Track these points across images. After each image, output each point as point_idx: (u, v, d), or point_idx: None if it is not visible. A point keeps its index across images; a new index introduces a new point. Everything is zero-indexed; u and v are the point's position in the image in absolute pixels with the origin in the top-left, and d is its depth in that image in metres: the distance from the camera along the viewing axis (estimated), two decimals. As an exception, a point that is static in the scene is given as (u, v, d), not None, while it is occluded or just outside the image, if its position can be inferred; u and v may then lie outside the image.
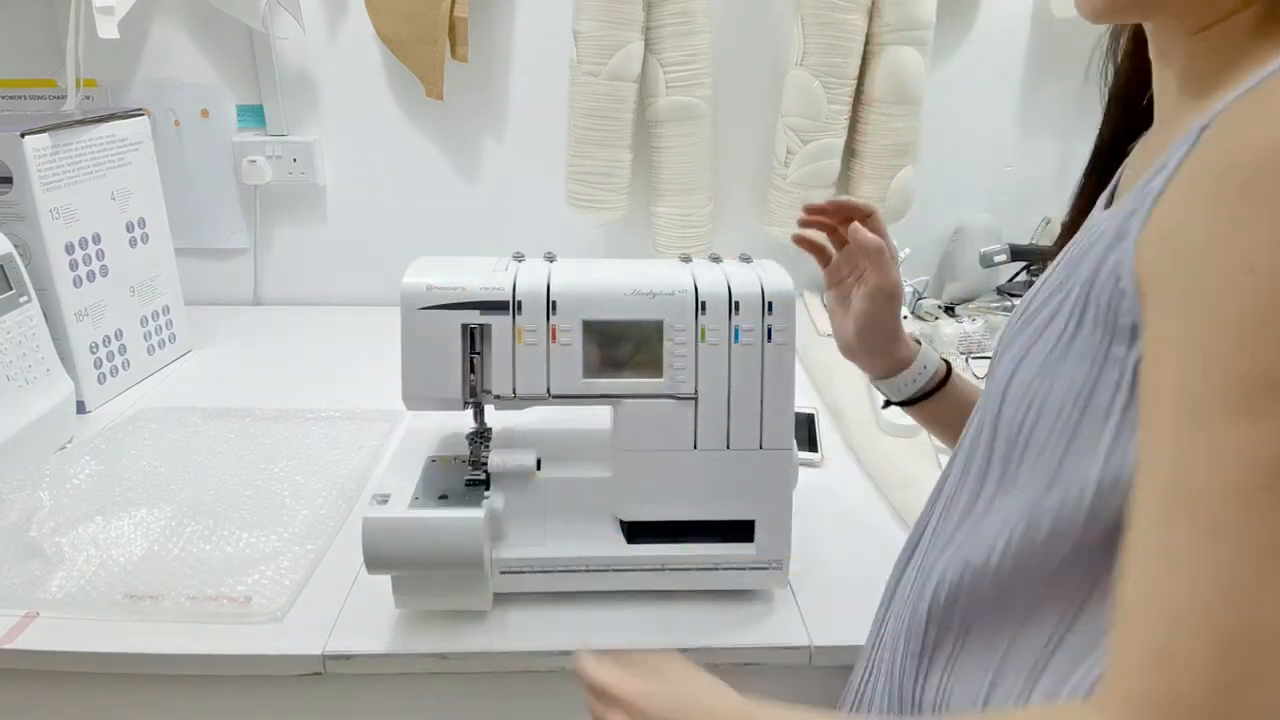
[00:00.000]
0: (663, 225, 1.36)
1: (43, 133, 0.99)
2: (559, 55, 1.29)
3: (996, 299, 1.39)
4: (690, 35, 1.24)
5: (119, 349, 1.13)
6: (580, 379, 0.72)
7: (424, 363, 0.71)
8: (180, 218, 1.31)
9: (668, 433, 0.72)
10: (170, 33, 1.31)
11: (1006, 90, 1.41)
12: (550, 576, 0.74)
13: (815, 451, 1.01)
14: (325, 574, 0.79)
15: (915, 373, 0.73)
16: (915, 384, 0.73)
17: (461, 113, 1.36)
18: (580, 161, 1.29)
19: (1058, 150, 1.46)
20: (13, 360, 0.94)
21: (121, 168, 1.11)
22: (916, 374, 0.73)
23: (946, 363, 0.75)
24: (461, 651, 0.72)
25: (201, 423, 1.04)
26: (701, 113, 1.29)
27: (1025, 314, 0.51)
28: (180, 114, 1.34)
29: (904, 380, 0.73)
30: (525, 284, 0.71)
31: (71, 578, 0.76)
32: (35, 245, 1.00)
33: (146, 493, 0.88)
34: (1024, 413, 0.47)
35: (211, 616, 0.73)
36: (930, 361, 0.73)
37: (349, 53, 1.33)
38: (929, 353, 0.74)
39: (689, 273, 0.73)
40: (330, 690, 0.74)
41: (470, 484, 0.73)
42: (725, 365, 0.72)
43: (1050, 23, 1.36)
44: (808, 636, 0.74)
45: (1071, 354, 0.44)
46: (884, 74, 1.27)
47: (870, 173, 1.35)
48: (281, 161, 1.36)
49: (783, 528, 0.74)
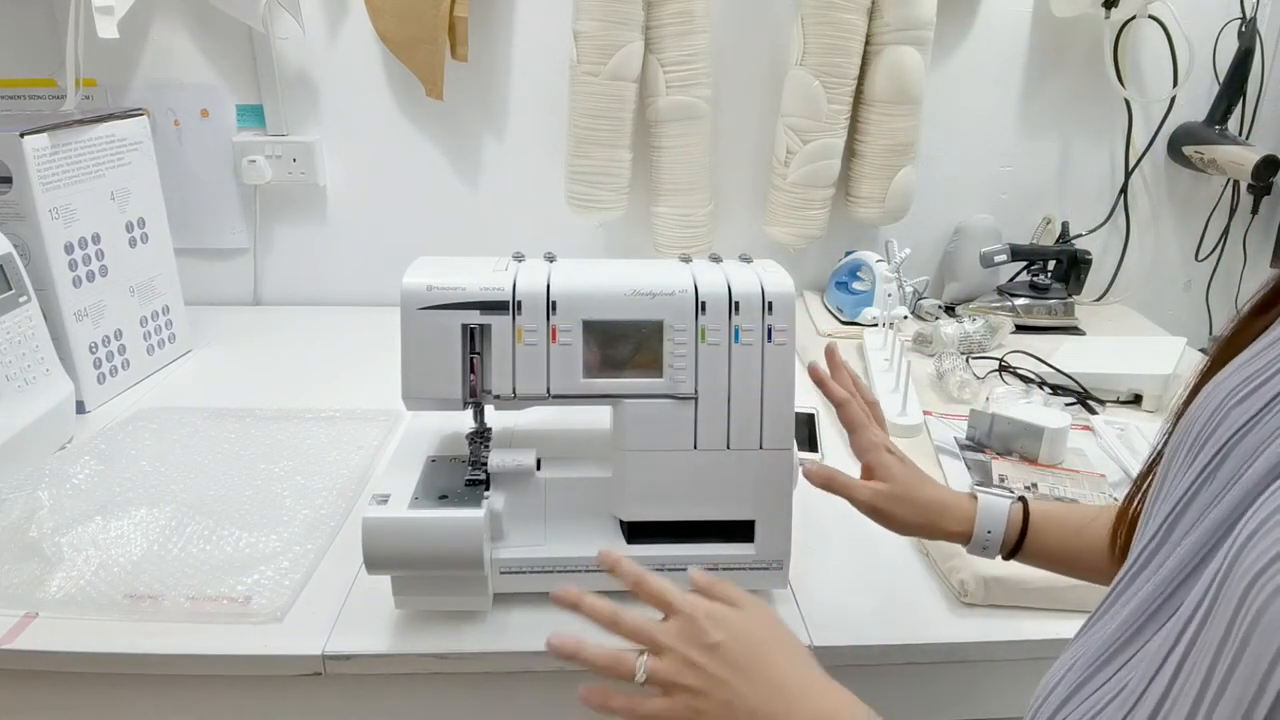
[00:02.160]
0: (663, 225, 1.36)
1: (42, 132, 0.99)
2: (559, 55, 1.29)
3: (996, 299, 1.39)
4: (690, 35, 1.24)
5: (119, 349, 1.13)
6: (580, 379, 0.71)
7: (424, 363, 0.71)
8: (180, 218, 1.31)
9: (668, 433, 0.72)
10: (170, 33, 1.30)
11: (1006, 90, 1.41)
12: (550, 576, 0.74)
13: (815, 451, 1.01)
14: (325, 574, 0.79)
15: (982, 540, 0.67)
16: (990, 548, 0.67)
17: (461, 113, 1.36)
18: (580, 161, 1.29)
19: (1058, 150, 1.46)
20: (12, 360, 0.94)
21: (121, 167, 1.11)
22: (984, 540, 0.67)
23: (1024, 504, 0.67)
24: (461, 651, 0.72)
25: (201, 423, 1.04)
26: (701, 113, 1.29)
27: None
28: (180, 114, 1.34)
29: (976, 547, 0.68)
30: (525, 284, 0.71)
31: (71, 578, 0.76)
32: (35, 245, 1.00)
33: (146, 493, 0.88)
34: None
35: (211, 616, 0.73)
36: (994, 522, 0.66)
37: (349, 53, 1.33)
38: (990, 510, 0.67)
39: (689, 273, 0.73)
40: (330, 690, 0.74)
41: (470, 484, 0.73)
42: (725, 365, 0.72)
43: (1050, 22, 1.36)
44: (808, 636, 0.74)
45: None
46: (884, 74, 1.27)
47: (870, 173, 1.35)
48: (281, 161, 1.36)
49: (783, 528, 0.74)
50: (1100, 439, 1.03)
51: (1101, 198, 1.49)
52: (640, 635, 0.55)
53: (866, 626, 0.75)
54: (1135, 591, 0.42)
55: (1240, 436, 0.39)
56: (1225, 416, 0.40)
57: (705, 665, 0.52)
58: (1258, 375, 0.40)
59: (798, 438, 0.90)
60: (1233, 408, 0.40)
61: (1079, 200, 1.48)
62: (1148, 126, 1.44)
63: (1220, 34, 1.39)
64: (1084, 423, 1.06)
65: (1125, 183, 1.47)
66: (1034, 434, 0.95)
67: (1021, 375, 1.17)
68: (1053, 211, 1.48)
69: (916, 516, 0.68)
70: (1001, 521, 0.67)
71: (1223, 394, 0.41)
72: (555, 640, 0.56)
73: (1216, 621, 0.34)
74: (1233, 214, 1.51)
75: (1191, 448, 0.42)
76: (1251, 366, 0.40)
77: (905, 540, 0.86)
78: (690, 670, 0.52)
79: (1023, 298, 1.38)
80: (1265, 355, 0.40)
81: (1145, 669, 0.39)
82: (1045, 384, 1.15)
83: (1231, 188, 1.49)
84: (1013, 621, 0.76)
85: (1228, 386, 0.41)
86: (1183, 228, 1.53)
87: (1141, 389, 1.13)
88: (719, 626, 0.53)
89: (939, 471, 0.94)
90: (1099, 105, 1.43)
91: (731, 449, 0.73)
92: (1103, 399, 1.13)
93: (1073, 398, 1.13)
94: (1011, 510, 0.67)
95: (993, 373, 1.18)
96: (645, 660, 0.53)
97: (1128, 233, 1.50)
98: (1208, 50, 1.39)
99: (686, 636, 0.53)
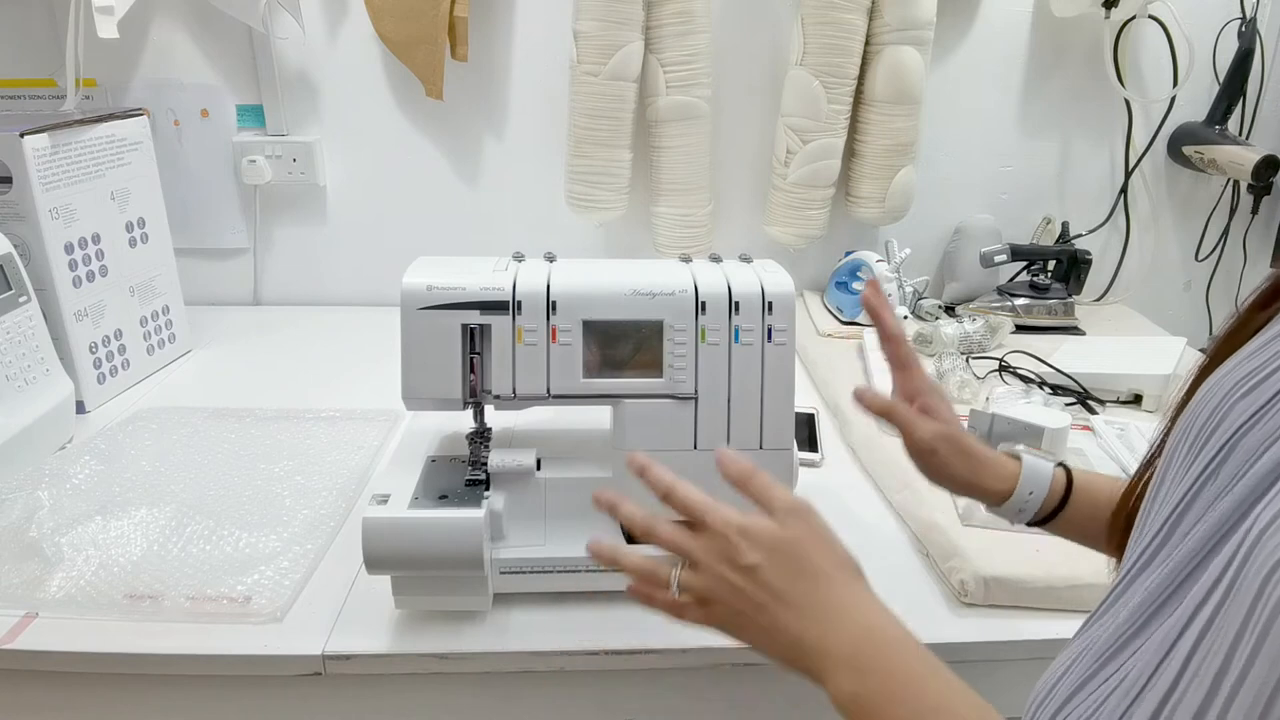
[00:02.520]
0: (663, 225, 1.36)
1: (42, 132, 0.99)
2: (559, 55, 1.29)
3: (997, 299, 1.39)
4: (690, 35, 1.24)
5: (119, 349, 1.13)
6: (580, 379, 0.71)
7: (424, 363, 0.71)
8: (180, 218, 1.32)
9: (668, 433, 0.72)
10: (170, 33, 1.30)
11: (1006, 90, 1.41)
12: (550, 576, 0.74)
13: (815, 451, 1.01)
14: (325, 574, 0.79)
15: (1021, 501, 0.65)
16: (1026, 511, 0.65)
17: (461, 113, 1.36)
18: (580, 161, 1.29)
19: (1058, 150, 1.46)
20: (12, 360, 0.94)
21: (121, 167, 1.11)
22: (1023, 502, 0.65)
23: (1066, 470, 0.66)
24: (461, 651, 0.71)
25: (201, 423, 1.04)
26: (701, 113, 1.29)
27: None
28: (180, 114, 1.34)
29: (1011, 509, 0.65)
30: (525, 284, 0.71)
31: (71, 578, 0.76)
32: (35, 245, 1.00)
33: (146, 493, 0.88)
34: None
35: (211, 616, 0.73)
36: (1038, 484, 0.65)
37: (349, 53, 1.33)
38: (1034, 472, 0.65)
39: (689, 273, 0.73)
40: (330, 690, 0.74)
41: (470, 484, 0.73)
42: (725, 365, 0.72)
43: (1050, 22, 1.36)
44: (808, 636, 0.73)
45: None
46: (884, 74, 1.27)
47: (870, 173, 1.35)
48: (281, 161, 1.36)
49: (783, 528, 0.74)
50: (1100, 439, 1.03)
51: (1101, 198, 1.49)
52: (674, 545, 0.53)
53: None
54: (1140, 587, 0.42)
55: (1243, 433, 0.39)
56: (1227, 414, 0.40)
57: (743, 588, 0.50)
58: (1258, 371, 0.39)
59: (798, 438, 0.90)
60: (1234, 405, 0.40)
61: (1079, 200, 1.48)
62: (1148, 126, 1.44)
63: (1220, 34, 1.39)
64: (1084, 423, 1.06)
65: (1125, 183, 1.47)
66: (1034, 434, 0.95)
67: (1021, 375, 1.17)
68: (1053, 211, 1.48)
69: (963, 466, 0.65)
70: (1045, 485, 0.65)
71: (1223, 391, 0.41)
72: (594, 544, 0.54)
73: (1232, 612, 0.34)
74: (1233, 214, 1.51)
75: (1193, 446, 0.41)
76: (1252, 363, 0.40)
77: (905, 540, 0.86)
78: (726, 588, 0.50)
79: (1023, 298, 1.38)
80: (1265, 351, 0.40)
81: (1149, 660, 0.38)
82: (1045, 384, 1.15)
83: (1231, 188, 1.50)
84: (1012, 621, 0.76)
85: (1228, 384, 0.41)
86: (1183, 228, 1.53)
87: (1141, 389, 1.13)
88: (755, 546, 0.50)
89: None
90: (1099, 105, 1.43)
91: (731, 449, 0.73)
92: (1103, 399, 1.13)
93: (1073, 398, 1.13)
94: (1055, 474, 0.65)
95: (993, 373, 1.18)
96: (679, 571, 0.52)
97: (1128, 233, 1.50)
98: (1208, 50, 1.39)
99: (720, 554, 0.51)
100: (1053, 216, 1.47)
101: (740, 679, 0.76)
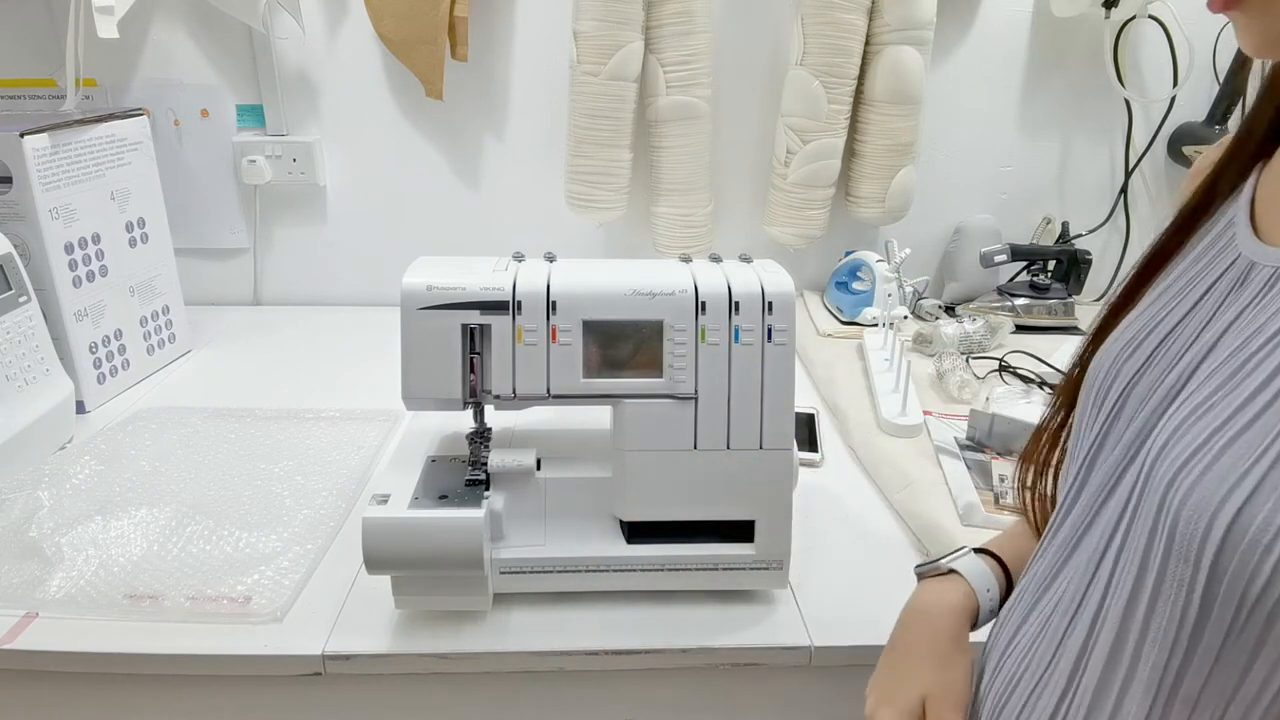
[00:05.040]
0: (663, 225, 1.36)
1: (42, 132, 0.99)
2: (559, 55, 1.29)
3: (997, 299, 1.39)
4: (690, 35, 1.24)
5: (119, 349, 1.13)
6: (580, 379, 0.71)
7: (424, 363, 0.71)
8: (180, 218, 1.31)
9: (668, 433, 0.72)
10: (170, 33, 1.30)
11: (1006, 90, 1.41)
12: (550, 576, 0.74)
13: (815, 451, 1.01)
14: (325, 574, 0.79)
15: (988, 607, 0.59)
16: (992, 611, 0.59)
17: (461, 113, 1.36)
18: (580, 161, 1.29)
19: (1058, 150, 1.46)
20: (12, 360, 0.94)
21: (121, 167, 1.11)
22: (989, 606, 0.59)
23: (995, 558, 0.61)
24: (461, 652, 0.71)
25: (201, 423, 1.04)
26: (701, 113, 1.29)
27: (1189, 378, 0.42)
28: (180, 114, 1.34)
29: (985, 617, 0.59)
30: (525, 284, 0.71)
31: (71, 578, 0.76)
32: (35, 245, 1.00)
33: (146, 493, 0.88)
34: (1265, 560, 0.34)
35: (211, 616, 0.73)
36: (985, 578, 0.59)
37: (349, 53, 1.33)
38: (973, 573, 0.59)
39: (689, 273, 0.73)
40: (330, 690, 0.74)
41: (470, 484, 0.73)
42: (725, 365, 0.72)
43: (1050, 22, 1.36)
44: (808, 637, 0.73)
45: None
46: (884, 74, 1.27)
47: (870, 173, 1.35)
48: (281, 161, 1.36)
49: (783, 528, 0.74)
50: (1100, 439, 1.02)
51: (1101, 198, 1.49)
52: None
53: (866, 626, 0.74)
54: (1063, 521, 0.49)
55: (1134, 383, 0.46)
56: (1119, 372, 0.47)
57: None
58: (1141, 333, 0.47)
59: (798, 438, 0.90)
60: (1124, 363, 0.47)
61: (1079, 200, 1.48)
62: (1148, 126, 1.44)
63: (1220, 34, 1.39)
64: (1084, 423, 1.06)
65: (1125, 182, 1.47)
66: (1034, 434, 0.94)
67: (1021, 375, 1.17)
68: (1053, 211, 1.48)
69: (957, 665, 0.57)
70: (988, 573, 0.60)
71: (1114, 353, 0.48)
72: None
73: (1140, 522, 0.40)
74: (1233, 214, 1.51)
75: (1094, 401, 0.48)
76: (1135, 327, 0.48)
77: (905, 540, 0.87)
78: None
79: (1023, 298, 1.38)
80: (1144, 315, 0.47)
81: (1079, 579, 0.45)
82: (1045, 384, 1.15)
83: (1231, 188, 1.49)
84: (1013, 621, 0.76)
85: (1116, 347, 0.48)
86: (1183, 228, 1.53)
87: (1141, 389, 1.12)
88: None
89: (939, 471, 0.94)
90: (1099, 105, 1.43)
91: (731, 449, 0.73)
92: (1103, 399, 1.13)
93: (1073, 398, 1.13)
94: (984, 560, 0.61)
95: (993, 373, 1.18)
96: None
97: (1128, 232, 1.50)
98: (1208, 50, 1.39)
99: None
100: (1053, 216, 1.47)
101: (740, 679, 0.76)
